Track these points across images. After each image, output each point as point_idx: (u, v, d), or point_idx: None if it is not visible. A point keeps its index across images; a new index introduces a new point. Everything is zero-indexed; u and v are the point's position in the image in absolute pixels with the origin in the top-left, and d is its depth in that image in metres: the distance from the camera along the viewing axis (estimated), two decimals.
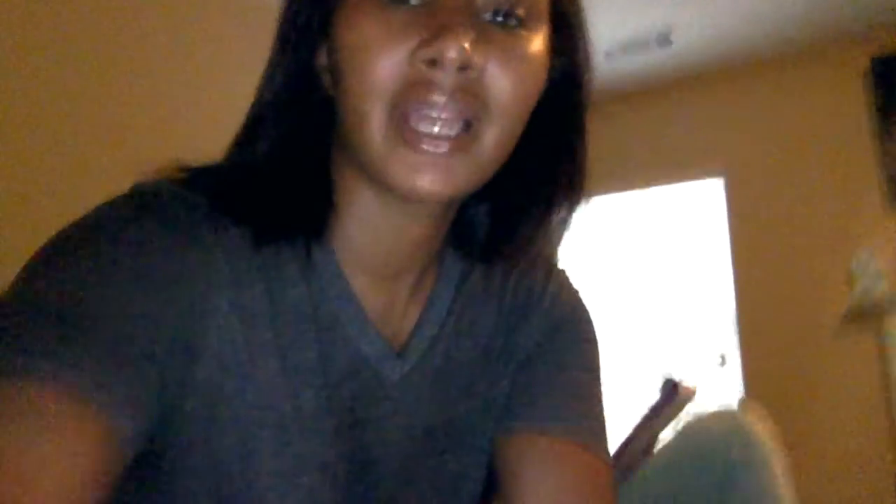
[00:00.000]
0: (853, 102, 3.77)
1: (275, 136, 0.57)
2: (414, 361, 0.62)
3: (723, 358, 3.93)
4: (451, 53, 0.49)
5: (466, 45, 0.49)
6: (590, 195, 0.66)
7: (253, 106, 0.59)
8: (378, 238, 0.60)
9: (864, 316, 3.55)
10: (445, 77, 0.51)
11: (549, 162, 0.63)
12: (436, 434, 0.64)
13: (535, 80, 0.56)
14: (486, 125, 0.53)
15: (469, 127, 0.53)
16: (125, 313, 0.47)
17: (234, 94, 0.74)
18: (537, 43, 0.55)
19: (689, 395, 1.32)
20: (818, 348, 3.64)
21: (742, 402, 1.16)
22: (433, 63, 0.50)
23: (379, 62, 0.51)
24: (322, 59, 0.58)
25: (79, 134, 2.05)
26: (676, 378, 1.30)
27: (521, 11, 0.54)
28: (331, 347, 0.58)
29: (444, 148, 0.52)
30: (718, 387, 3.76)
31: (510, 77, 0.53)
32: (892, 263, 3.54)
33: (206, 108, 2.34)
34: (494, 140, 0.54)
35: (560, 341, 0.69)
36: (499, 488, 0.64)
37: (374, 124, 0.52)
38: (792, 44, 3.82)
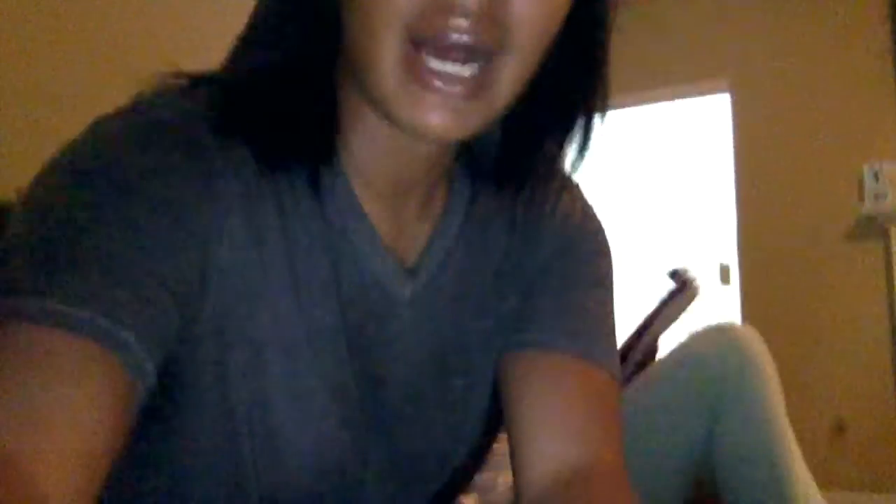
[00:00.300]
0: (872, 6, 3.62)
1: (279, 45, 0.53)
2: (425, 280, 0.61)
3: (726, 273, 3.89)
4: None
5: None
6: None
7: (255, 12, 0.56)
8: (385, 158, 0.57)
9: (873, 228, 3.49)
10: (465, 7, 0.46)
11: (567, 81, 0.60)
12: (446, 353, 0.63)
13: (560, 4, 0.51)
14: (506, 57, 0.49)
15: (488, 61, 0.49)
16: (140, 244, 0.46)
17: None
18: None
19: (696, 290, 1.30)
20: (824, 261, 3.61)
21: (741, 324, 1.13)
22: None
23: None
24: None
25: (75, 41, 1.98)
26: (684, 271, 1.29)
27: None
28: (341, 265, 0.57)
29: (458, 88, 0.48)
30: (720, 303, 3.74)
31: (535, 3, 0.49)
32: None
33: (205, 15, 2.27)
34: (513, 76, 0.50)
35: (570, 258, 0.67)
36: (503, 405, 0.64)
37: (385, 53, 0.48)
38: None
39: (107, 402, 0.41)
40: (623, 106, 4.22)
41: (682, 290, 1.25)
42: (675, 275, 1.25)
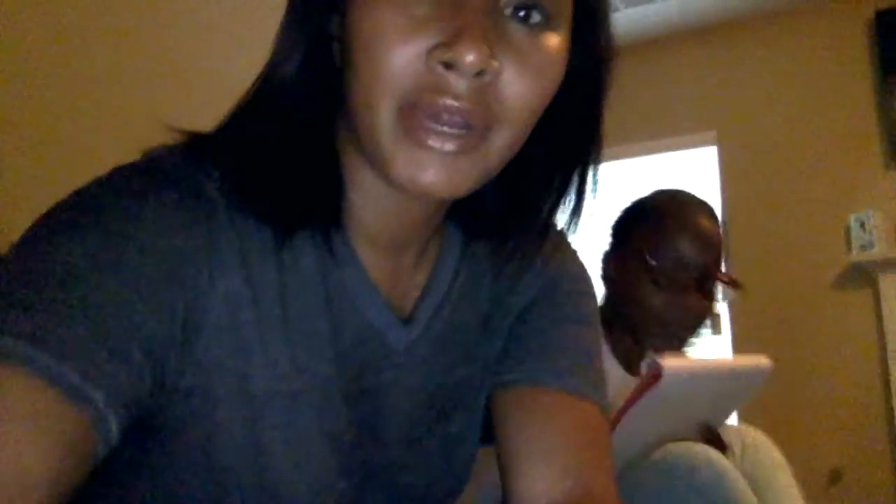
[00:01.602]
0: (856, 57, 3.70)
1: (284, 106, 0.55)
2: (419, 329, 0.63)
3: (717, 322, 3.89)
4: (471, 58, 0.47)
5: (487, 49, 0.47)
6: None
7: (260, 75, 0.57)
8: (383, 214, 0.59)
9: (861, 277, 3.52)
10: (460, 81, 0.48)
11: (562, 146, 0.62)
12: (438, 398, 0.64)
13: (552, 83, 0.54)
14: (496, 130, 0.52)
15: (481, 132, 0.51)
16: (127, 297, 0.46)
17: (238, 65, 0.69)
18: (558, 42, 0.53)
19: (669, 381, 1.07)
20: (814, 310, 3.62)
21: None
22: (449, 66, 0.48)
23: (394, 57, 0.48)
24: (333, 28, 0.55)
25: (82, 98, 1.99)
26: (653, 362, 1.08)
27: (547, 6, 0.52)
28: (339, 317, 0.58)
29: (451, 146, 0.50)
30: (711, 352, 3.73)
31: (527, 83, 0.51)
32: (890, 222, 3.49)
33: (210, 79, 2.30)
34: (503, 143, 0.52)
35: (555, 298, 0.70)
36: (496, 442, 0.65)
37: (381, 117, 0.50)
38: None
39: (61, 448, 0.41)
40: (612, 158, 4.27)
41: (651, 382, 1.06)
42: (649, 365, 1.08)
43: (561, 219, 0.64)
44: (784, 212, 3.76)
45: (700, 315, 1.26)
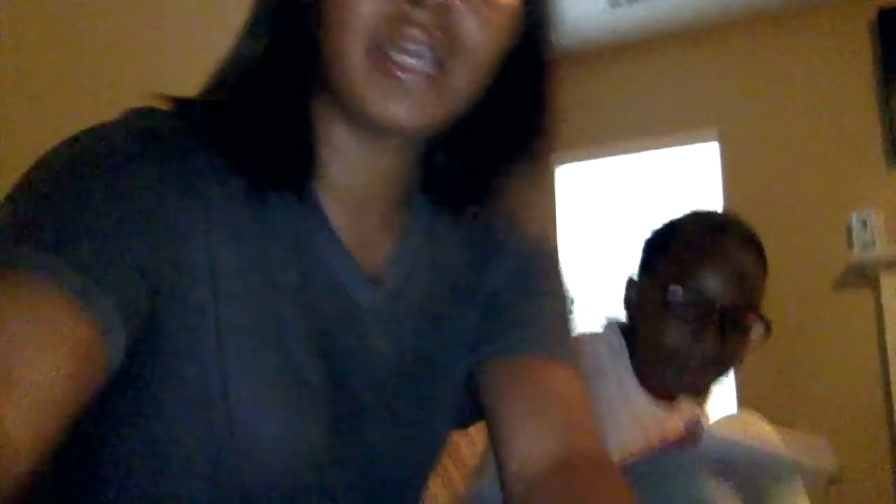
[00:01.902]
0: (858, 56, 3.70)
1: (258, 68, 0.60)
2: (389, 289, 0.65)
3: None
4: None
5: None
6: (586, 151, 0.67)
7: (236, 43, 0.62)
8: (352, 170, 0.63)
9: (862, 276, 3.51)
10: (425, 14, 0.54)
11: (514, 116, 0.66)
12: (408, 363, 0.66)
13: (507, 28, 0.59)
14: (458, 64, 0.57)
15: (442, 66, 0.56)
16: (121, 228, 0.50)
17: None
18: None
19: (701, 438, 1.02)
20: (814, 310, 3.62)
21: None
22: (414, 1, 0.54)
23: (362, 1, 0.54)
24: None
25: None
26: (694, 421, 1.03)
27: None
28: (310, 271, 0.61)
29: (418, 79, 0.55)
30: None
31: (484, 21, 0.56)
32: (892, 222, 3.49)
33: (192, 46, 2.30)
34: (465, 79, 0.58)
35: (527, 275, 0.73)
36: (484, 415, 0.67)
37: (352, 56, 0.55)
38: None
39: (76, 356, 0.44)
40: (613, 154, 4.27)
41: (683, 442, 1.00)
42: (689, 423, 1.04)
43: (515, 186, 0.69)
44: (785, 210, 3.75)
45: (717, 359, 1.13)
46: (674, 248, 1.20)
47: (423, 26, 0.54)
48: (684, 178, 4.12)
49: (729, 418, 1.32)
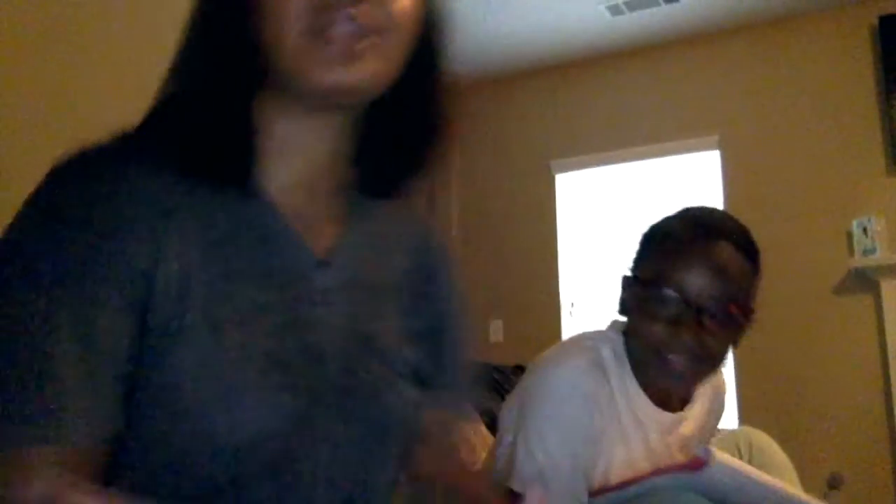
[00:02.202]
0: (859, 62, 3.71)
1: (199, 76, 0.66)
2: (336, 272, 0.72)
3: None
4: None
5: None
6: (587, 159, 0.74)
7: (177, 51, 0.68)
8: (295, 162, 0.71)
9: (863, 282, 3.52)
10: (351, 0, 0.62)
11: (416, 117, 0.75)
12: (360, 342, 0.72)
13: (416, 13, 0.68)
14: (385, 35, 0.64)
15: (373, 35, 0.64)
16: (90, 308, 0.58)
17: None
18: None
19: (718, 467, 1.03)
20: (815, 315, 3.63)
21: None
22: None
23: None
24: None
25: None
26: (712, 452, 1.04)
27: None
28: (266, 257, 0.67)
29: (356, 43, 0.63)
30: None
31: (402, 3, 0.65)
32: (893, 228, 3.49)
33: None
34: (392, 46, 0.66)
35: (459, 319, 0.85)
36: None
37: (288, 38, 0.62)
38: (799, 0, 3.74)
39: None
40: (614, 161, 4.28)
41: (692, 467, 1.02)
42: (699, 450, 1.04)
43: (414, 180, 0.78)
44: (786, 216, 3.76)
45: (700, 353, 1.13)
46: (654, 247, 1.24)
47: (357, 4, 0.62)
48: (685, 185, 4.13)
49: (734, 436, 1.33)
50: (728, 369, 1.36)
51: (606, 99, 4.31)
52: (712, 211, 1.32)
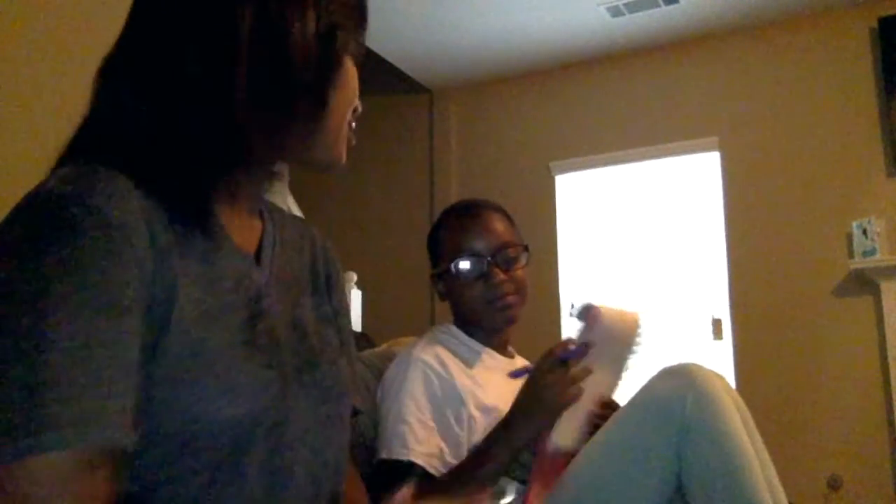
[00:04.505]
0: (858, 64, 3.71)
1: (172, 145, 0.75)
2: (268, 270, 0.85)
3: (718, 327, 3.89)
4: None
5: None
6: (586, 160, 0.80)
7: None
8: (239, 201, 0.84)
9: (863, 283, 3.52)
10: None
11: None
12: (296, 325, 0.85)
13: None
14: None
15: None
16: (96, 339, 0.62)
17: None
18: None
19: (613, 320, 1.34)
20: (815, 316, 3.63)
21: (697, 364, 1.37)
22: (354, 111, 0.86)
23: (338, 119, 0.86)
24: None
25: None
26: (592, 302, 1.33)
27: None
28: (221, 262, 0.78)
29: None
30: (712, 358, 3.73)
31: None
32: (893, 229, 3.49)
33: None
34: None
35: (345, 309, 1.00)
36: None
37: (340, 143, 0.87)
38: (799, 2, 3.75)
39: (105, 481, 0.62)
40: (613, 163, 4.28)
41: (591, 326, 1.32)
42: (582, 310, 1.35)
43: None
44: (786, 218, 3.76)
45: (513, 288, 1.52)
46: (438, 240, 1.60)
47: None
48: (685, 186, 4.14)
49: None
50: (728, 369, 1.52)
51: (606, 100, 4.31)
52: (466, 199, 1.70)
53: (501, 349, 1.59)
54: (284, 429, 0.77)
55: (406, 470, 1.31)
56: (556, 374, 1.28)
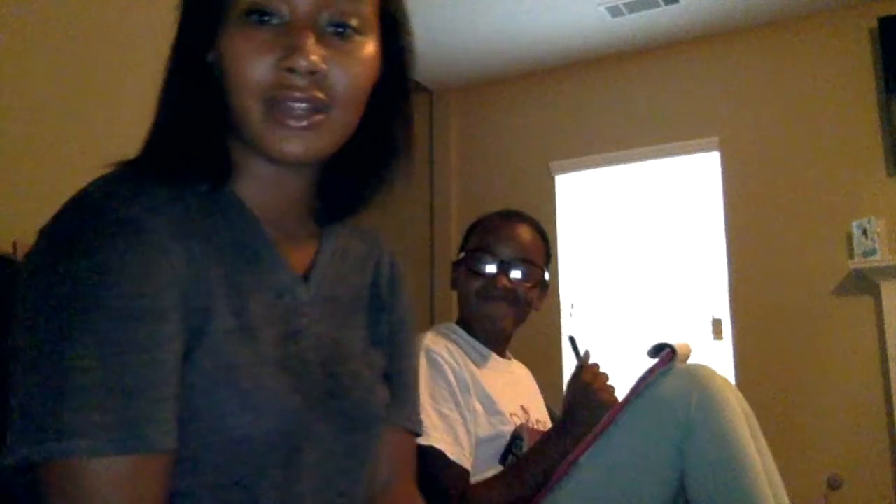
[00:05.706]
0: (858, 64, 3.71)
1: (178, 112, 0.77)
2: (315, 288, 0.83)
3: (718, 327, 3.89)
4: (302, 63, 0.71)
5: (313, 58, 0.71)
6: (586, 160, 0.79)
7: (159, 101, 0.78)
8: (268, 190, 0.81)
9: (863, 284, 3.52)
10: (300, 79, 0.72)
11: (386, 131, 0.85)
12: (337, 347, 0.83)
13: (368, 75, 0.78)
14: (333, 109, 0.74)
15: (321, 112, 0.74)
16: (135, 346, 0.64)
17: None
18: (368, 46, 0.77)
19: (686, 355, 1.39)
20: (815, 316, 3.62)
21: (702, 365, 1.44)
22: (291, 70, 0.71)
23: (249, 70, 0.72)
24: (211, 56, 0.76)
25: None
26: (670, 342, 1.36)
27: (353, 22, 0.75)
28: (260, 276, 0.77)
29: (303, 123, 0.73)
30: (712, 358, 3.72)
31: (347, 75, 0.74)
32: (893, 229, 3.49)
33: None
34: (340, 120, 0.76)
35: (409, 332, 0.98)
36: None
37: (251, 112, 0.73)
38: (799, 2, 3.74)
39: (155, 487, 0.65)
40: (613, 163, 4.28)
41: (666, 363, 1.36)
42: (659, 348, 1.39)
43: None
44: (786, 218, 3.76)
45: (512, 297, 1.58)
46: (475, 231, 1.69)
47: (302, 89, 0.72)
48: (685, 186, 4.14)
49: None
50: (728, 369, 1.58)
51: (606, 100, 4.31)
52: (518, 209, 1.77)
53: (500, 352, 1.68)
54: (302, 455, 0.75)
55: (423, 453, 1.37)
56: (601, 378, 1.46)
